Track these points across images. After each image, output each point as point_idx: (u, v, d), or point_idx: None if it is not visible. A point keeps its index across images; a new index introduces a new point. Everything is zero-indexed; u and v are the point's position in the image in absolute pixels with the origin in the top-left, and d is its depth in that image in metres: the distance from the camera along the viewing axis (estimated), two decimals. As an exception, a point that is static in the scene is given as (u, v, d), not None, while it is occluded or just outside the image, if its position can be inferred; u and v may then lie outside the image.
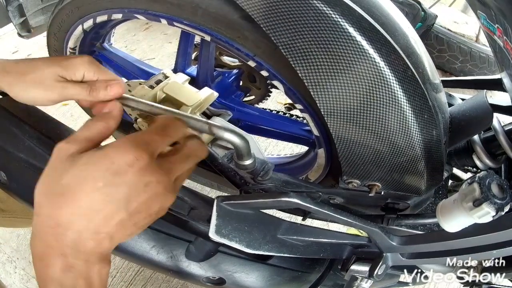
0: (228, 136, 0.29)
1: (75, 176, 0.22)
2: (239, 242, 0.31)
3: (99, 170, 0.22)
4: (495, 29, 0.30)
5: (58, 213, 0.22)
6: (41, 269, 0.23)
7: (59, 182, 0.22)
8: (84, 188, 0.22)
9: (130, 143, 0.23)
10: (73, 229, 0.22)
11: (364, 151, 0.35)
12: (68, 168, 0.23)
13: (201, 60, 0.58)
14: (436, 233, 0.38)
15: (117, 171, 0.22)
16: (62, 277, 0.22)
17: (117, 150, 0.23)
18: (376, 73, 0.30)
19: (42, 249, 0.23)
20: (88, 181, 0.22)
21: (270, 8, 0.30)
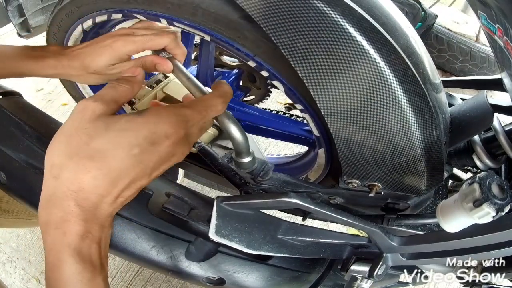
0: (232, 128, 0.29)
1: (109, 141, 0.22)
2: (239, 242, 0.31)
3: (138, 137, 0.22)
4: (496, 29, 0.30)
5: (83, 177, 0.21)
6: (56, 237, 0.21)
7: (89, 144, 0.21)
8: (118, 154, 0.22)
9: (173, 116, 0.24)
10: (97, 193, 0.21)
11: (364, 151, 0.35)
12: (101, 132, 0.22)
13: (201, 60, 0.58)
14: (436, 233, 0.38)
15: (155, 141, 0.23)
16: (80, 244, 0.21)
17: (159, 120, 0.23)
18: (377, 73, 0.30)
19: (60, 215, 0.21)
20: (124, 147, 0.22)
21: (270, 8, 0.30)
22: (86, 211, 0.22)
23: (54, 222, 0.21)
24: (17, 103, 0.46)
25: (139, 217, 0.39)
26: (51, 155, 0.22)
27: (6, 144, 0.40)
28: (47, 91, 1.30)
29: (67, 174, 0.21)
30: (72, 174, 0.21)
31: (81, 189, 0.21)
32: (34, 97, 1.27)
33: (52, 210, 0.21)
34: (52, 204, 0.21)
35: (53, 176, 0.22)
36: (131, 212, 0.38)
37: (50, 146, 0.22)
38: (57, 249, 0.21)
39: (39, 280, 0.82)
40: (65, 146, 0.22)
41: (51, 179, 0.22)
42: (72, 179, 0.21)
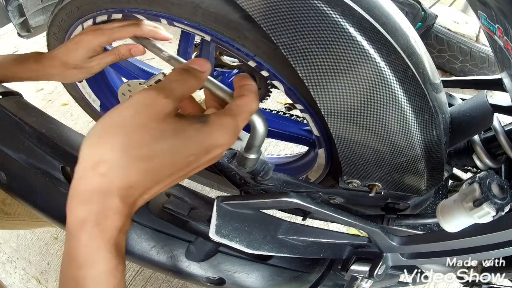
0: (257, 121, 0.28)
1: (173, 147, 0.21)
2: (239, 242, 0.31)
3: (200, 147, 0.22)
4: (496, 29, 0.30)
5: (136, 176, 0.20)
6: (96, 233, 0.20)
7: (150, 146, 0.20)
8: (177, 160, 0.21)
9: (232, 128, 0.24)
10: (143, 190, 0.21)
11: (365, 151, 0.35)
12: (167, 136, 0.21)
13: None
14: (436, 233, 0.38)
15: (211, 150, 0.23)
16: (117, 238, 0.21)
17: (221, 131, 0.23)
18: (377, 73, 0.30)
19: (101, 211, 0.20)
20: (185, 155, 0.21)
21: (270, 8, 0.30)
22: (128, 207, 0.21)
23: (94, 219, 0.20)
24: (18, 103, 0.46)
25: (140, 217, 0.39)
26: (100, 147, 0.20)
27: (7, 144, 0.40)
28: (47, 91, 1.30)
29: (118, 172, 0.20)
30: (125, 172, 0.20)
31: (131, 187, 0.20)
32: (35, 97, 1.27)
33: (93, 206, 0.20)
34: (93, 200, 0.20)
35: (100, 172, 0.20)
36: (131, 212, 0.38)
37: (99, 136, 0.20)
38: (95, 246, 0.20)
39: (39, 280, 0.82)
40: (122, 141, 0.20)
41: (95, 175, 0.20)
42: (123, 177, 0.20)
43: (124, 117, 0.21)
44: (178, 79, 0.23)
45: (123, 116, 0.21)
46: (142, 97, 0.21)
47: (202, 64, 0.26)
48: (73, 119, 1.19)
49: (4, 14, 0.66)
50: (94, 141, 0.20)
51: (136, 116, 0.20)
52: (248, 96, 0.26)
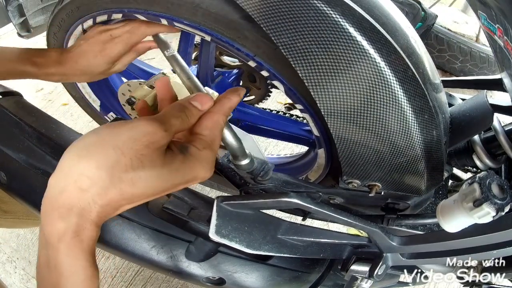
0: (225, 134, 0.29)
1: (158, 176, 0.22)
2: (239, 242, 0.31)
3: (183, 179, 0.24)
4: (496, 29, 0.30)
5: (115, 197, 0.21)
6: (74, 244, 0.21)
7: (136, 171, 0.21)
8: (159, 187, 0.22)
9: (211, 162, 0.25)
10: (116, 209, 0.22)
11: (364, 151, 0.35)
12: (155, 166, 0.22)
13: (201, 60, 0.58)
14: (436, 233, 0.38)
15: (190, 181, 0.24)
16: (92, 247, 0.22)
17: (202, 168, 0.24)
18: (377, 73, 0.30)
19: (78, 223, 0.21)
20: (166, 184, 0.23)
21: (270, 8, 0.30)
22: (102, 219, 0.22)
23: (73, 231, 0.21)
24: (18, 103, 0.46)
25: (139, 217, 0.39)
26: (86, 162, 0.20)
27: (6, 144, 0.40)
28: (47, 91, 1.30)
29: (98, 190, 0.21)
30: (106, 192, 0.21)
31: (108, 204, 0.21)
32: (34, 97, 1.27)
33: (72, 219, 0.21)
34: (71, 214, 0.21)
35: (81, 187, 0.20)
36: (131, 212, 0.38)
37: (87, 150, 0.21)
38: (74, 256, 0.21)
39: (39, 280, 0.82)
40: (110, 162, 0.20)
41: (76, 190, 0.20)
42: (102, 195, 0.21)
43: (119, 138, 0.21)
44: (178, 116, 0.24)
45: (119, 137, 0.21)
46: (144, 125, 0.22)
47: (203, 102, 0.26)
48: (73, 119, 1.19)
49: (4, 14, 0.66)
50: (81, 154, 0.21)
51: (132, 141, 0.21)
52: (215, 114, 0.27)
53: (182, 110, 0.25)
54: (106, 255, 0.85)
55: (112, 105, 0.68)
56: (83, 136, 0.22)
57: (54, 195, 0.21)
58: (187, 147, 0.24)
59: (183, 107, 0.25)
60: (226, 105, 0.27)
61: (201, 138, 0.25)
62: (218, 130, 0.26)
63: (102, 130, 0.22)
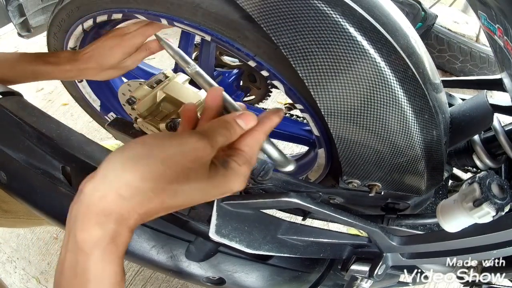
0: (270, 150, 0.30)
1: (200, 189, 0.23)
2: (239, 242, 0.31)
3: (220, 192, 0.25)
4: (496, 29, 0.30)
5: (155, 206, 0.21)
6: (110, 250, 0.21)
7: (180, 184, 0.21)
8: (196, 200, 0.23)
9: (246, 177, 0.26)
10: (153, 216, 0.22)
11: (365, 151, 0.35)
12: (199, 180, 0.22)
13: (201, 59, 0.58)
14: (436, 233, 0.38)
15: (226, 193, 0.25)
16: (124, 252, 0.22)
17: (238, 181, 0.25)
18: (377, 73, 0.30)
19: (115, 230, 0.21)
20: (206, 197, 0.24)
21: (270, 8, 0.30)
22: (137, 224, 0.22)
23: (110, 237, 0.21)
24: (18, 103, 0.46)
25: (139, 216, 0.39)
26: (132, 172, 0.20)
27: (7, 143, 0.40)
28: (47, 91, 1.30)
29: (141, 199, 0.21)
30: (147, 202, 0.21)
31: (147, 213, 0.21)
32: (35, 97, 1.27)
33: (110, 225, 0.21)
34: (110, 221, 0.20)
35: (123, 195, 0.20)
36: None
37: (134, 161, 0.20)
38: (109, 262, 0.21)
39: (39, 280, 0.82)
40: (156, 175, 0.20)
41: (117, 198, 0.20)
42: (143, 204, 0.21)
43: (168, 151, 0.21)
44: (223, 133, 0.25)
45: (168, 150, 0.21)
46: (193, 140, 0.22)
47: (248, 122, 0.26)
48: (73, 119, 1.19)
49: (4, 14, 0.66)
50: (128, 165, 0.20)
51: (180, 155, 0.22)
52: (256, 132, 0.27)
53: (228, 128, 0.25)
54: (106, 255, 0.84)
55: (112, 105, 0.68)
56: (129, 145, 0.22)
57: (92, 201, 0.20)
58: (228, 162, 0.25)
59: (229, 125, 0.25)
60: (267, 124, 0.28)
61: (241, 154, 0.26)
62: (258, 147, 0.27)
63: (149, 140, 0.22)
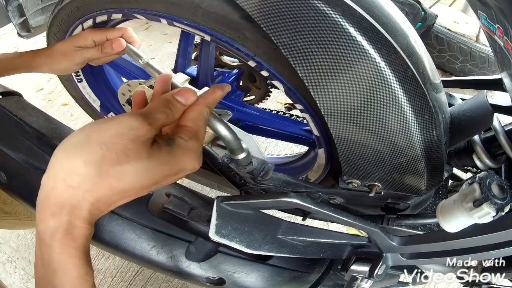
0: (217, 126, 0.29)
1: (144, 169, 0.22)
2: (239, 242, 0.31)
3: (170, 170, 0.24)
4: (496, 29, 0.30)
5: (105, 192, 0.21)
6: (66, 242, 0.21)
7: (123, 165, 0.21)
8: (146, 181, 0.23)
9: (197, 153, 0.25)
10: (109, 203, 0.22)
11: (364, 151, 0.35)
12: (142, 159, 0.22)
13: (201, 60, 0.58)
14: (436, 233, 0.38)
15: (179, 173, 0.25)
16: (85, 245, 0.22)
17: (189, 158, 0.25)
18: (377, 73, 0.30)
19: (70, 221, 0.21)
20: (155, 176, 0.23)
21: (270, 8, 0.30)
22: (94, 217, 0.22)
23: (64, 228, 0.21)
24: (18, 103, 0.46)
25: (139, 217, 0.39)
26: (75, 159, 0.21)
27: (6, 144, 0.40)
28: (47, 91, 1.30)
29: (88, 186, 0.21)
30: (95, 187, 0.21)
31: (99, 201, 0.22)
32: (34, 97, 1.27)
33: (63, 217, 0.21)
34: (63, 211, 0.21)
35: (71, 185, 0.21)
36: (131, 212, 0.38)
37: (75, 148, 0.21)
38: (67, 253, 0.21)
39: (39, 280, 0.82)
40: (98, 157, 0.21)
41: (67, 187, 0.21)
42: (92, 191, 0.21)
43: (105, 134, 0.22)
44: (163, 111, 0.25)
45: (105, 133, 0.22)
46: (129, 120, 0.22)
47: (187, 97, 0.27)
48: (73, 119, 1.19)
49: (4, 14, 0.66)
50: (69, 153, 0.21)
51: (118, 136, 0.22)
52: (197, 106, 0.27)
53: (167, 105, 0.25)
54: (106, 255, 0.85)
55: (112, 105, 0.68)
56: (70, 135, 0.22)
57: (46, 193, 0.22)
58: (174, 139, 0.25)
59: (168, 102, 0.25)
60: (209, 97, 0.28)
61: (186, 129, 0.26)
62: (202, 121, 0.27)
63: (88, 127, 0.22)
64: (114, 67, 0.63)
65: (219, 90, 0.29)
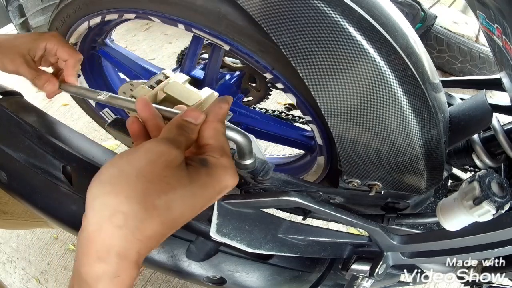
0: (232, 134, 0.29)
1: (190, 195, 0.21)
2: (240, 241, 0.31)
3: (214, 191, 0.23)
4: (494, 29, 0.30)
5: (155, 228, 0.20)
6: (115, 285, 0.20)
7: (168, 194, 0.20)
8: (195, 207, 0.22)
9: (233, 168, 0.25)
10: (159, 241, 0.21)
11: (364, 150, 0.35)
12: (184, 183, 0.21)
13: (210, 64, 0.58)
14: (436, 232, 0.38)
15: (222, 192, 0.24)
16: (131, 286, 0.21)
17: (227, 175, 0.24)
18: (376, 73, 0.30)
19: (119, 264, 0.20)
20: (202, 200, 0.22)
21: (270, 8, 0.30)
22: (143, 255, 0.21)
23: (113, 273, 0.20)
24: (18, 103, 0.46)
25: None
26: (115, 196, 0.19)
27: (7, 143, 0.40)
28: (47, 92, 1.30)
29: (136, 224, 0.19)
30: (143, 224, 0.20)
31: (150, 238, 0.20)
32: (35, 97, 1.27)
33: (112, 260, 0.20)
34: (111, 255, 0.20)
35: (117, 224, 0.19)
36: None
37: (112, 185, 0.20)
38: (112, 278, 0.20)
39: (39, 280, 0.82)
40: (139, 191, 0.20)
41: (113, 227, 0.19)
42: (141, 229, 0.20)
43: (138, 164, 0.20)
44: (180, 133, 0.24)
45: (137, 164, 0.20)
46: (156, 147, 0.21)
47: (196, 117, 0.26)
48: (74, 119, 1.19)
49: (5, 14, 0.67)
50: (107, 190, 0.20)
51: (151, 165, 0.20)
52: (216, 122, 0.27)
53: (181, 127, 0.25)
54: (106, 256, 0.84)
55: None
56: (101, 171, 0.21)
57: (90, 235, 0.20)
58: (205, 159, 0.24)
59: (181, 125, 0.25)
60: (219, 113, 0.27)
61: (211, 147, 0.25)
62: (221, 135, 0.27)
63: (117, 160, 0.21)
64: (115, 64, 0.62)
65: (225, 104, 0.28)
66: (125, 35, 1.58)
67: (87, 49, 0.59)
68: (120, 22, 0.52)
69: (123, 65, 0.61)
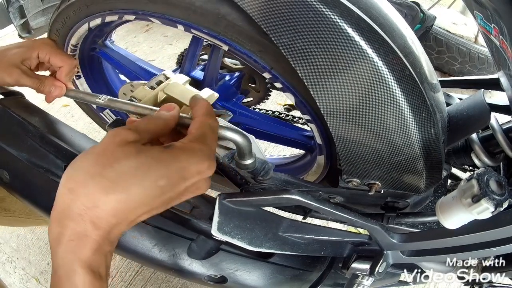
0: (231, 135, 0.29)
1: (136, 167, 0.22)
2: (241, 239, 0.31)
3: (169, 169, 0.23)
4: (492, 28, 0.31)
5: (101, 197, 0.22)
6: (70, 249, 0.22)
7: (114, 167, 0.22)
8: (143, 182, 0.22)
9: (206, 154, 0.25)
10: (114, 215, 0.22)
11: (364, 150, 0.35)
12: (131, 156, 0.22)
13: (210, 65, 0.58)
14: (436, 230, 0.39)
15: (186, 176, 0.24)
16: (92, 258, 0.22)
17: (193, 158, 0.24)
18: (375, 73, 0.31)
19: (75, 229, 0.22)
20: (151, 176, 0.22)
21: (269, 8, 0.31)
22: (101, 230, 0.22)
23: (69, 234, 0.22)
24: (20, 102, 0.47)
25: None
26: (72, 170, 0.23)
27: (9, 143, 0.41)
28: (48, 93, 1.30)
29: (84, 191, 0.22)
30: (90, 192, 0.22)
31: (96, 206, 0.22)
32: (35, 98, 1.28)
33: (67, 222, 0.22)
34: (66, 216, 0.22)
35: (69, 190, 0.22)
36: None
37: (73, 163, 0.23)
38: (70, 260, 0.22)
39: (38, 280, 0.82)
40: (90, 165, 0.22)
41: (67, 193, 0.22)
42: (88, 196, 0.22)
43: (94, 147, 0.24)
44: (150, 122, 0.26)
45: (94, 147, 0.24)
46: (110, 132, 0.24)
47: (169, 108, 0.28)
48: (74, 120, 1.19)
49: (5, 15, 0.67)
50: (71, 166, 0.23)
51: (102, 145, 0.23)
52: (202, 116, 0.28)
53: (153, 117, 0.27)
54: (106, 256, 0.84)
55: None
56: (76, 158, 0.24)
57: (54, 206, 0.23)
58: (172, 143, 0.25)
59: (154, 116, 0.27)
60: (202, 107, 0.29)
61: (188, 135, 0.26)
62: (206, 126, 0.27)
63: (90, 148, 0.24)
64: (115, 65, 0.62)
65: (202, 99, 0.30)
66: (126, 36, 1.59)
67: (88, 51, 0.59)
68: (120, 23, 0.52)
69: (123, 66, 0.61)
